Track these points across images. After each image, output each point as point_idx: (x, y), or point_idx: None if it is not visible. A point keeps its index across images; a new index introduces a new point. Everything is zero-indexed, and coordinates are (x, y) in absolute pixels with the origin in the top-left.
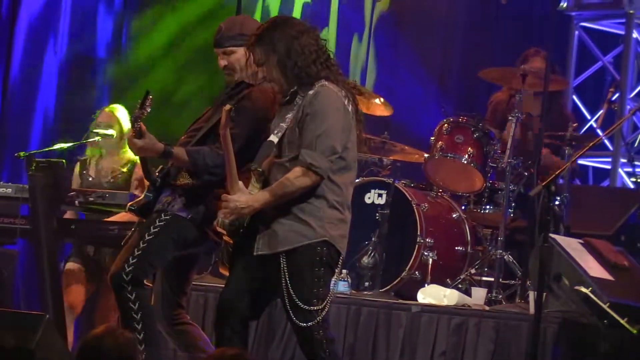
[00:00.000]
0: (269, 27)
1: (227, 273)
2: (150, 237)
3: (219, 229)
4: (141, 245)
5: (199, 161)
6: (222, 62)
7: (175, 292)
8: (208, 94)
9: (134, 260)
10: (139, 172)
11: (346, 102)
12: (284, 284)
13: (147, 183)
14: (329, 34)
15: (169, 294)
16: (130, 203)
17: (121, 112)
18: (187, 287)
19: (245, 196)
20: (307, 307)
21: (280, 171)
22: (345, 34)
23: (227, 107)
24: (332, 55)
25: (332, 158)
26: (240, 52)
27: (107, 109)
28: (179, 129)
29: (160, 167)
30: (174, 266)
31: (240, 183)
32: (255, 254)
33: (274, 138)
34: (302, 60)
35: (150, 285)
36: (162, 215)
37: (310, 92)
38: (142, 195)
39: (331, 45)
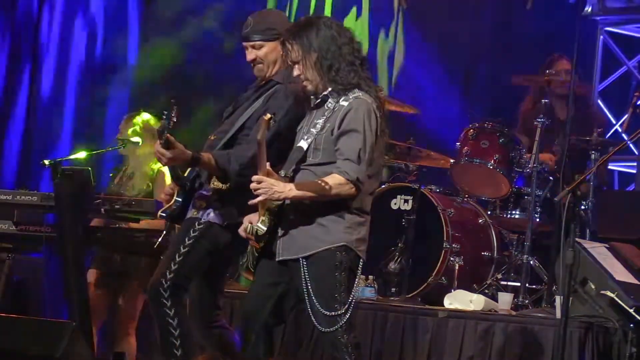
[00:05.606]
0: (307, 25)
1: (251, 278)
2: (186, 249)
3: (247, 235)
4: (177, 259)
5: (227, 165)
6: (250, 56)
7: (212, 292)
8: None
9: (171, 275)
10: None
11: (379, 114)
12: (305, 290)
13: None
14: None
15: (206, 294)
16: (161, 209)
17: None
18: (223, 286)
19: (282, 183)
20: (329, 313)
21: (305, 176)
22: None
23: (268, 116)
24: (366, 59)
25: (370, 172)
26: (269, 47)
27: (134, 119)
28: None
29: (189, 170)
30: (210, 266)
31: (276, 176)
32: (277, 259)
33: (303, 144)
34: (339, 63)
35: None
36: (197, 224)
37: (345, 103)
38: (172, 201)
39: (364, 39)
